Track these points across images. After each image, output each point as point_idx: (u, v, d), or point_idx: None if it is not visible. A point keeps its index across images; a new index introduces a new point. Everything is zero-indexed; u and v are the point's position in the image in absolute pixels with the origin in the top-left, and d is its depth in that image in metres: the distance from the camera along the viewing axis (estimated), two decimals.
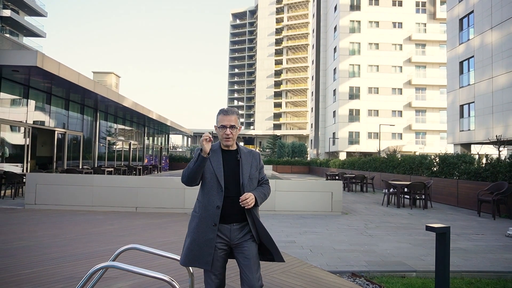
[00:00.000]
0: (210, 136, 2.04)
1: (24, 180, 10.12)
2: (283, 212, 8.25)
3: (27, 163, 11.87)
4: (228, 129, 2.20)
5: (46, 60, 9.22)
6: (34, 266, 3.99)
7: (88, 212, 7.85)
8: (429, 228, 3.34)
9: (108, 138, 18.93)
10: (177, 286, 2.21)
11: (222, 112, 2.24)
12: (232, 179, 2.20)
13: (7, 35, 10.96)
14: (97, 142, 17.17)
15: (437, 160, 12.09)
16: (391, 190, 10.64)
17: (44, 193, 8.11)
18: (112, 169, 16.02)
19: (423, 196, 10.01)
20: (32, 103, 12.07)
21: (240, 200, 2.11)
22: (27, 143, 11.82)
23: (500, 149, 11.19)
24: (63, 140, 14.08)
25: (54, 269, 3.92)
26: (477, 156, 10.80)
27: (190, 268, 2.55)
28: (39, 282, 3.50)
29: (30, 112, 11.97)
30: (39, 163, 15.08)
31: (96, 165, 16.77)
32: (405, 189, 10.24)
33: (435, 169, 12.22)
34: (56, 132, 13.49)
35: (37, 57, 8.82)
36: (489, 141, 12.49)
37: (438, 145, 38.02)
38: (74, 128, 14.94)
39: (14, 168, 11.34)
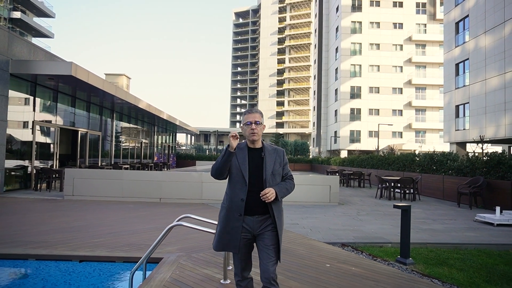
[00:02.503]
0: (237, 133, 2.31)
1: (57, 175, 11.40)
2: (287, 202, 9.45)
3: (55, 160, 13.16)
4: (253, 124, 2.41)
5: (79, 69, 10.47)
6: (98, 237, 5.23)
7: (119, 202, 9.11)
8: (396, 206, 4.57)
9: (123, 136, 20.23)
10: None
11: (247, 111, 2.49)
12: (256, 175, 2.41)
13: (40, 46, 12.18)
14: (113, 141, 18.46)
15: (427, 157, 13.25)
16: (384, 184, 11.82)
17: (80, 186, 9.38)
18: (128, 166, 17.28)
19: (412, 190, 11.20)
20: (59, 106, 13.33)
21: (260, 195, 2.30)
22: (56, 142, 13.10)
23: (485, 146, 12.34)
24: (85, 139, 15.36)
25: (114, 239, 5.16)
26: (470, 155, 11.91)
27: None
28: (109, 246, 4.74)
29: (58, 114, 13.25)
30: (59, 160, 16.36)
31: (112, 162, 18.06)
32: (397, 184, 11.43)
33: (426, 164, 13.37)
34: (79, 132, 14.77)
35: (71, 67, 10.06)
36: (473, 140, 13.66)
37: (437, 144, 39.03)
38: (94, 128, 16.21)
39: (44, 165, 12.60)
